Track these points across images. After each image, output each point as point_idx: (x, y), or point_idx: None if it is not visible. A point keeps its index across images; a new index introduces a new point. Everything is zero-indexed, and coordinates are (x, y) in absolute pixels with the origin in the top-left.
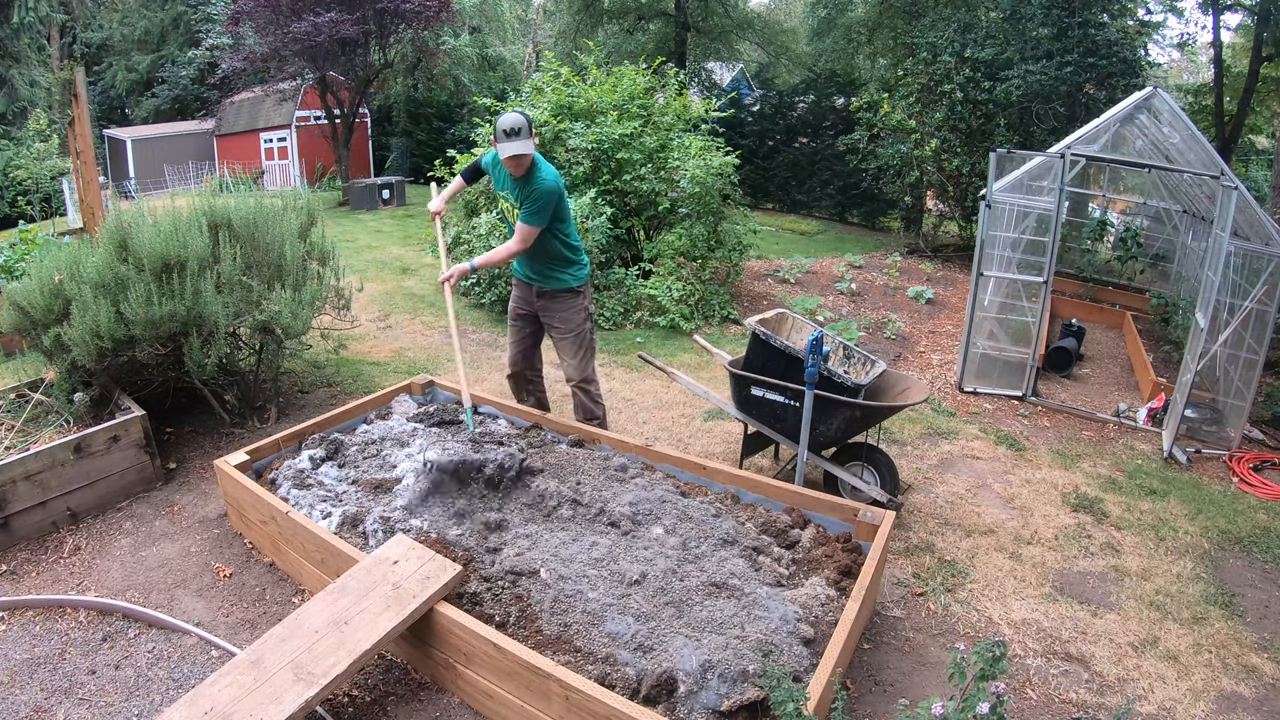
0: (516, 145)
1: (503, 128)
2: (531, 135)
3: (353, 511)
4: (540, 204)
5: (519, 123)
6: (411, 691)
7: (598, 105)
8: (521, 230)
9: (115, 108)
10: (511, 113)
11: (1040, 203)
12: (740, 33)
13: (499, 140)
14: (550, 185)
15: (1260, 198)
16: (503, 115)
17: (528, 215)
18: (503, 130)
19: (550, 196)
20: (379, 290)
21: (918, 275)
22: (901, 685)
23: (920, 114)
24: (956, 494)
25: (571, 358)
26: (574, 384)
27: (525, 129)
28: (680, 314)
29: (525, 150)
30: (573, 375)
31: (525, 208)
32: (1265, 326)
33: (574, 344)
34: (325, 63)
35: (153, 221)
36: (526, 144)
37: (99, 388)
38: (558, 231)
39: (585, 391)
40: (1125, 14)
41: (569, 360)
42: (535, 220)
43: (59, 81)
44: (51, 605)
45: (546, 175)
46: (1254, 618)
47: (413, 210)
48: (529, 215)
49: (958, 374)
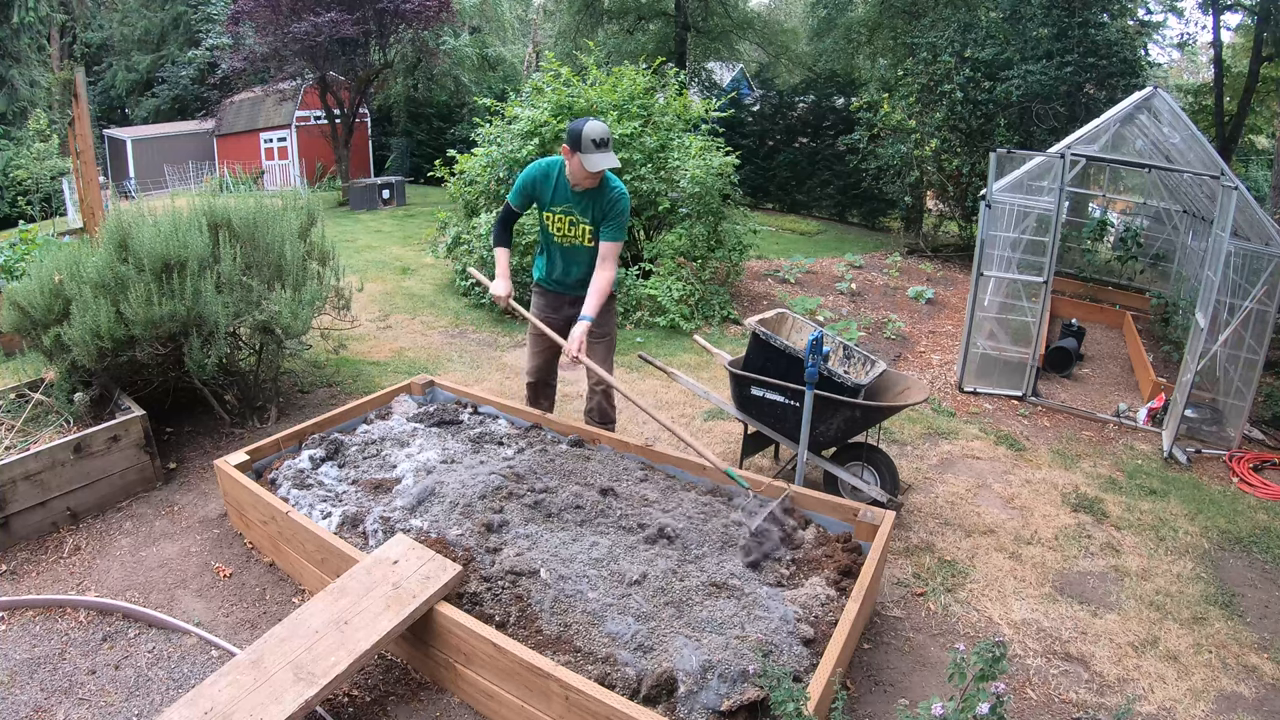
0: (607, 157)
1: (591, 137)
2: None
3: (353, 511)
4: (624, 216)
5: (608, 133)
6: (411, 691)
7: (598, 105)
8: (614, 249)
9: (115, 108)
10: (595, 121)
11: (1040, 203)
12: (740, 33)
13: (585, 150)
14: (626, 195)
15: (1260, 198)
16: (586, 122)
17: (615, 231)
18: (591, 140)
19: (628, 205)
20: (379, 290)
21: (918, 275)
22: (901, 685)
23: (920, 114)
24: (956, 494)
25: (601, 362)
26: (600, 389)
27: (612, 139)
28: (680, 314)
29: (614, 163)
30: (600, 379)
31: (612, 222)
32: (1265, 326)
33: (605, 349)
34: (325, 63)
35: (153, 221)
36: (614, 156)
37: (99, 388)
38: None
39: (606, 395)
40: (1125, 14)
41: (598, 364)
42: (622, 234)
43: (59, 81)
44: (51, 605)
45: (619, 184)
46: (1254, 618)
47: (413, 210)
48: (618, 230)
49: (958, 374)
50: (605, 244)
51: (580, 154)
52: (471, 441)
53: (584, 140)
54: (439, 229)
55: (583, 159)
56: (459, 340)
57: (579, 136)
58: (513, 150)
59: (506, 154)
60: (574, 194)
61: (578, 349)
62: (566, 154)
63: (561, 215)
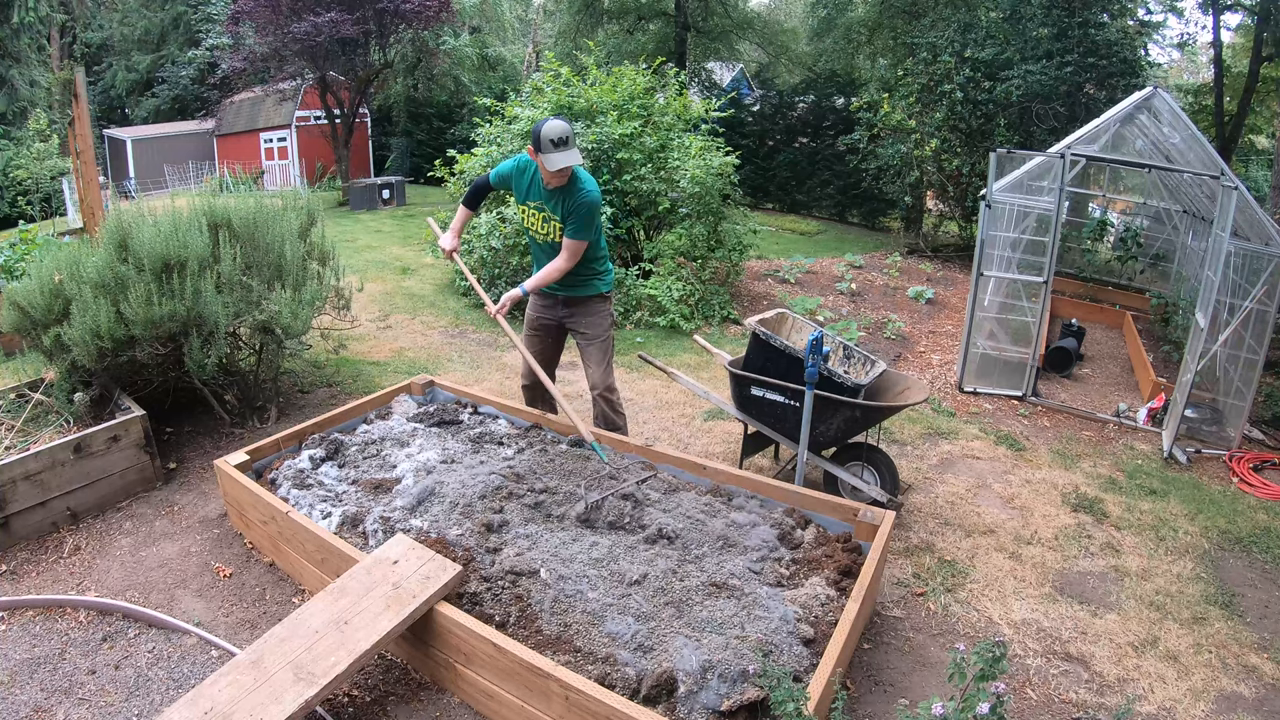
0: (567, 155)
1: (549, 136)
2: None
3: (353, 511)
4: (589, 216)
5: (567, 131)
6: (411, 691)
7: (598, 105)
8: (572, 246)
9: (115, 108)
10: (555, 120)
11: (1040, 203)
12: (740, 33)
13: (544, 150)
14: (596, 196)
15: (1260, 198)
16: (545, 122)
17: (578, 229)
18: (550, 140)
19: (597, 207)
20: (379, 290)
21: (918, 275)
22: (901, 685)
23: (920, 114)
24: (956, 494)
25: (597, 365)
26: (598, 392)
27: (572, 136)
28: (680, 314)
29: (576, 160)
30: (597, 383)
31: (574, 221)
32: (1265, 326)
33: (600, 350)
34: (325, 63)
35: (153, 221)
36: (576, 153)
37: (99, 388)
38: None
39: (608, 400)
40: (1125, 14)
41: (594, 368)
42: (585, 234)
43: (59, 81)
44: (51, 605)
45: (589, 185)
46: (1254, 618)
47: (412, 210)
48: (580, 229)
49: (958, 374)
50: (566, 239)
51: (541, 154)
52: (471, 441)
53: (543, 140)
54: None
55: (543, 159)
56: (459, 340)
57: (539, 137)
58: (513, 150)
59: (506, 154)
60: (546, 191)
61: (498, 311)
62: (531, 154)
63: (535, 211)
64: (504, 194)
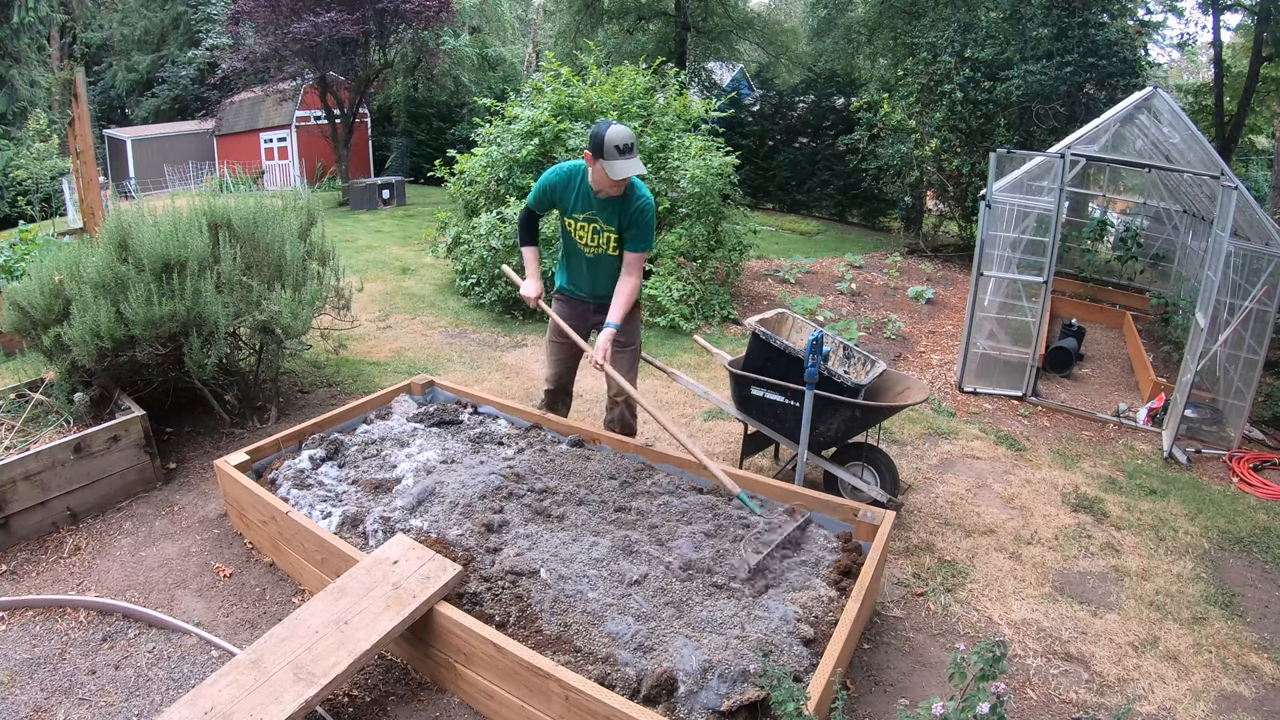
0: (632, 164)
1: (615, 142)
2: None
3: (353, 511)
4: (651, 224)
5: (632, 137)
6: (411, 691)
7: (598, 105)
8: (638, 259)
9: (115, 108)
10: (618, 125)
11: (1040, 203)
12: (740, 33)
13: (608, 156)
14: (652, 202)
15: (1260, 198)
16: (609, 127)
17: (641, 239)
18: (615, 146)
19: (654, 214)
20: (379, 290)
21: (918, 275)
22: (901, 685)
23: (920, 114)
24: (956, 494)
25: (626, 372)
26: (621, 399)
27: (636, 143)
28: (680, 314)
29: (640, 170)
30: (623, 390)
31: (636, 232)
32: (1265, 326)
33: (630, 358)
34: (325, 63)
35: (153, 221)
36: (639, 161)
37: (99, 388)
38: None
39: (629, 406)
40: (1125, 14)
41: (623, 375)
42: (648, 243)
43: (59, 81)
44: (51, 605)
45: (644, 191)
46: (1254, 618)
47: (412, 210)
48: (642, 239)
49: (958, 374)
50: (630, 254)
51: (603, 160)
52: (471, 441)
53: (607, 146)
54: (439, 229)
55: (606, 166)
56: (459, 340)
57: (602, 142)
58: (513, 150)
59: (506, 154)
60: (598, 201)
61: (602, 357)
62: (589, 160)
63: (585, 223)
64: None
